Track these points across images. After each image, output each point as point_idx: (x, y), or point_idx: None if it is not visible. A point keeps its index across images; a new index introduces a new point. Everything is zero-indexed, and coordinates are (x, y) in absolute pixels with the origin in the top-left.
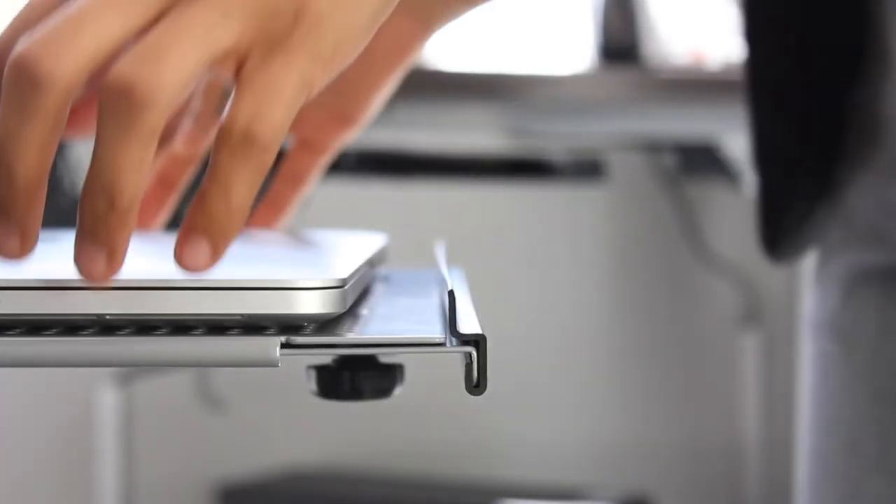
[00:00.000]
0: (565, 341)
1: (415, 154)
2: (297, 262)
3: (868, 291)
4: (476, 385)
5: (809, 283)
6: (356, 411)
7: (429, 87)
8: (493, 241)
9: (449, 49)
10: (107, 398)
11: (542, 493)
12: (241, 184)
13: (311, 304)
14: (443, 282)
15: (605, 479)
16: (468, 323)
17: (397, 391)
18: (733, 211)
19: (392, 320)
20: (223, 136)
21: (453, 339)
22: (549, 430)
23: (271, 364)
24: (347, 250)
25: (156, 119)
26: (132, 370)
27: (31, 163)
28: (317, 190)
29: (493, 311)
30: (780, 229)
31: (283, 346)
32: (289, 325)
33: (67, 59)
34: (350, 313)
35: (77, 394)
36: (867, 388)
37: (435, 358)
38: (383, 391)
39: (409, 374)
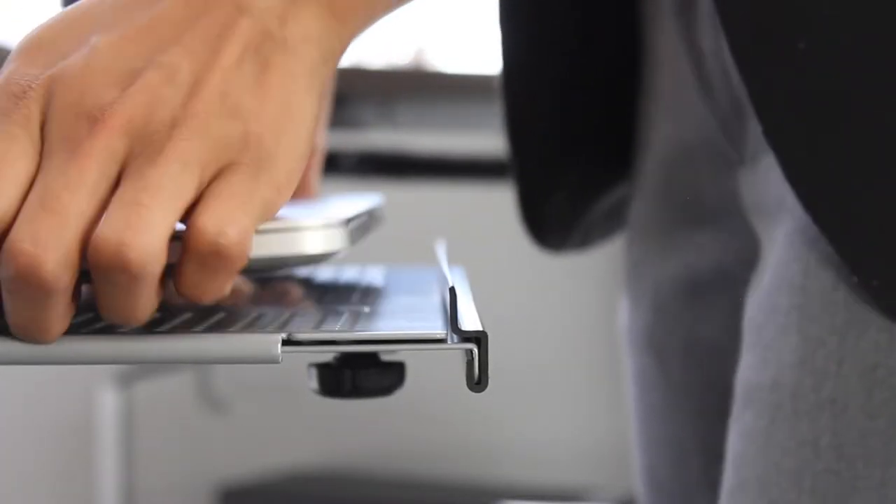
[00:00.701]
0: (565, 341)
1: (416, 155)
2: (300, 212)
3: (676, 306)
4: (477, 382)
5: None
6: (356, 413)
7: (429, 88)
8: (493, 241)
9: (449, 51)
10: (107, 399)
11: (542, 493)
12: (213, 289)
13: (316, 244)
14: (444, 280)
15: (604, 480)
16: (469, 320)
17: (398, 389)
18: None
19: (393, 317)
20: (191, 247)
21: (454, 336)
22: (549, 431)
23: (273, 360)
24: (347, 201)
25: (154, 277)
26: (133, 371)
27: (58, 331)
28: (318, 191)
29: (493, 311)
30: (543, 219)
31: (285, 342)
32: (298, 264)
33: (62, 255)
34: (351, 310)
35: (78, 395)
36: (686, 403)
37: (435, 359)
38: (384, 389)
39: (409, 376)
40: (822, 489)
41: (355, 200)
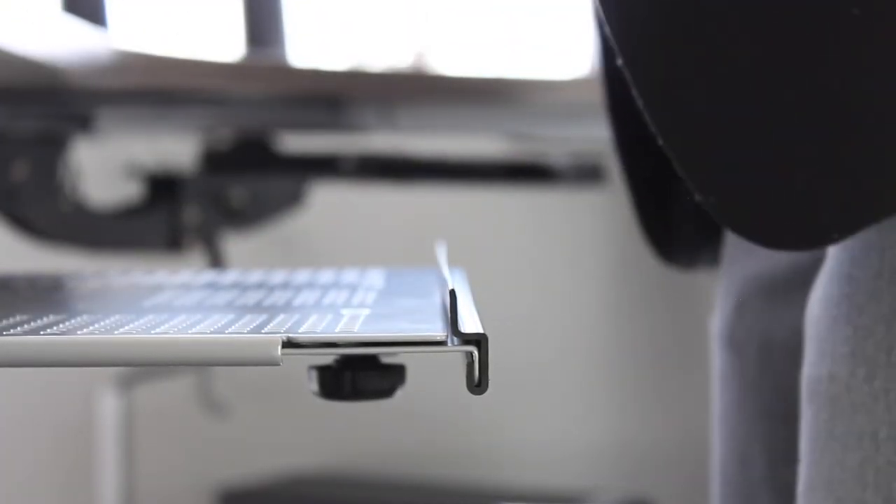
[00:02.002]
0: (565, 343)
1: (416, 158)
2: None
3: (756, 305)
4: (478, 384)
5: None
6: (357, 415)
7: (430, 91)
8: (493, 245)
9: (450, 54)
10: (108, 402)
11: (543, 496)
12: None
13: None
14: (444, 282)
15: (605, 482)
16: (470, 322)
17: (398, 391)
18: None
19: (394, 319)
20: None
21: (455, 339)
22: (550, 433)
23: (273, 363)
24: None
25: None
26: (134, 374)
27: None
28: (320, 193)
29: (493, 314)
30: (663, 234)
31: (285, 344)
32: None
33: None
34: (352, 312)
35: (78, 397)
36: (755, 403)
37: (436, 361)
38: (384, 391)
39: (409, 377)
40: (886, 483)
41: None
